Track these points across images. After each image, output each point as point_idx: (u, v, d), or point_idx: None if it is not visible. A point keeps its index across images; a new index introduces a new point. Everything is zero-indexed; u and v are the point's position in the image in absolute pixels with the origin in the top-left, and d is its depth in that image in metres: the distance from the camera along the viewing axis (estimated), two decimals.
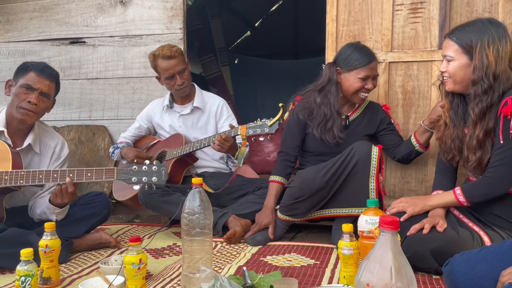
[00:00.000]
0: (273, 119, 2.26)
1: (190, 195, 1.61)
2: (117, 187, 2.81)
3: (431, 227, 1.75)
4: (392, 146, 2.44)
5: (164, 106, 2.82)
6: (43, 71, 2.13)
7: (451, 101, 1.93)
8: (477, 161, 1.78)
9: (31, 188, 2.17)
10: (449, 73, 1.83)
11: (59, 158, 2.25)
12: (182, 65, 2.66)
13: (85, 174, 2.00)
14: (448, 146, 1.92)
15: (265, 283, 1.60)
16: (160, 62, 2.63)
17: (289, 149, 2.46)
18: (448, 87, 1.87)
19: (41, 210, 2.11)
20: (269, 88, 5.85)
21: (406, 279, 0.94)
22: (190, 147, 2.53)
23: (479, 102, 1.74)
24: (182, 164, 2.66)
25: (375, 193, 2.17)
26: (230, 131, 2.41)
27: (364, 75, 2.28)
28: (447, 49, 1.83)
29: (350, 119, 2.43)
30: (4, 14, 3.48)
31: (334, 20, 2.71)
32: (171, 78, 2.66)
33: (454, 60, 1.81)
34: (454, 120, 1.91)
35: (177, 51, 2.65)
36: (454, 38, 1.81)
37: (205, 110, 2.80)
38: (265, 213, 2.38)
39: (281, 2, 6.71)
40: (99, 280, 1.71)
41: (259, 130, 2.29)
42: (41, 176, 1.99)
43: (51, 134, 2.29)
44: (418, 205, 1.88)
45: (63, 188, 1.99)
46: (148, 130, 2.92)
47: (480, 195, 1.78)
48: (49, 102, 2.17)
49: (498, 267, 1.30)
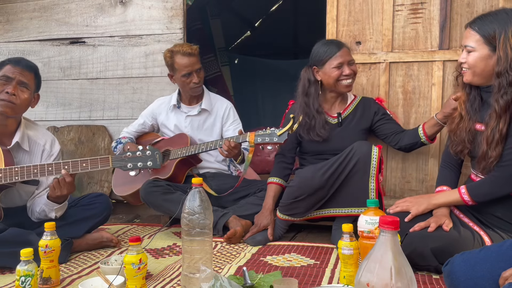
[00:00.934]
0: (282, 129, 2.25)
1: (190, 195, 1.61)
2: (116, 182, 2.79)
3: (436, 227, 1.74)
4: (391, 133, 2.42)
5: (171, 106, 2.82)
6: (19, 62, 2.11)
7: (468, 93, 1.87)
8: (497, 157, 1.71)
9: (27, 188, 2.16)
10: (468, 64, 1.77)
11: (52, 155, 2.23)
12: (199, 64, 2.72)
13: (80, 165, 1.99)
14: (462, 138, 1.87)
15: (265, 283, 1.60)
16: (180, 58, 2.66)
17: (285, 151, 2.50)
18: (466, 79, 1.81)
19: (40, 208, 2.10)
20: (269, 88, 5.85)
21: (406, 279, 0.94)
22: (196, 148, 2.53)
23: (504, 94, 1.68)
24: (186, 165, 2.66)
25: (375, 193, 2.17)
26: (238, 137, 2.40)
27: (337, 63, 2.33)
28: (468, 39, 1.76)
29: (343, 116, 2.45)
30: (4, 14, 3.48)
31: (334, 20, 2.71)
32: (188, 75, 2.68)
33: (475, 50, 1.74)
34: (470, 113, 1.85)
35: (196, 49, 2.71)
36: (476, 28, 1.74)
37: (212, 113, 2.80)
38: (264, 215, 2.38)
39: (281, 2, 6.71)
40: (99, 280, 1.71)
41: (268, 139, 2.28)
42: (35, 170, 1.98)
43: (39, 132, 2.26)
44: (422, 204, 1.87)
45: (60, 180, 1.98)
46: (152, 127, 2.91)
47: (485, 194, 1.77)
48: (29, 93, 2.11)
49: (498, 267, 1.30)
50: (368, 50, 2.66)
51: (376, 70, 2.65)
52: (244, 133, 2.39)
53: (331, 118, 2.45)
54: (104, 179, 3.27)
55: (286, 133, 2.24)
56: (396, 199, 2.57)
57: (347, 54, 2.37)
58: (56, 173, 1.99)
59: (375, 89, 2.65)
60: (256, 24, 7.12)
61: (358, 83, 2.67)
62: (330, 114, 2.46)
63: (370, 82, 2.66)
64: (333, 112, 2.47)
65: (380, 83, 2.63)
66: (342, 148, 2.24)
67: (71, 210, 2.22)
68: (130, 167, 1.97)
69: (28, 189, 2.17)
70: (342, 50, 2.35)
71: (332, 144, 2.38)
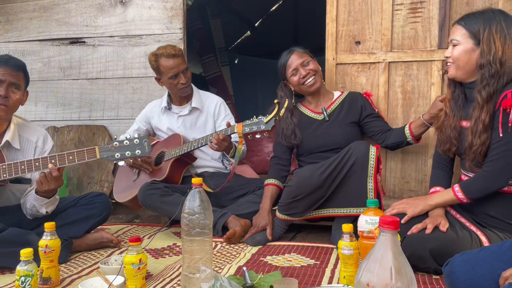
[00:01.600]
0: (269, 116, 2.27)
1: (190, 195, 1.61)
2: (117, 189, 2.81)
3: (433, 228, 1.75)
4: (378, 132, 2.47)
5: (162, 108, 2.82)
6: (8, 62, 2.07)
7: (452, 91, 1.93)
8: (481, 145, 1.75)
9: (20, 187, 2.15)
10: (453, 58, 1.84)
11: (44, 152, 2.22)
12: (185, 64, 2.69)
13: (67, 157, 1.96)
14: (447, 135, 1.92)
15: (265, 283, 1.60)
16: (164, 61, 2.63)
17: (280, 153, 2.55)
18: (451, 73, 1.87)
19: (31, 204, 2.09)
20: (269, 88, 5.80)
21: (406, 279, 0.94)
22: (188, 146, 2.53)
23: (486, 86, 1.74)
24: (181, 164, 2.66)
25: (373, 193, 2.17)
26: (226, 129, 2.41)
27: (291, 70, 2.45)
28: (454, 33, 1.84)
29: (328, 111, 2.49)
30: (4, 14, 3.48)
31: (334, 20, 2.71)
32: (175, 77, 2.66)
33: (459, 44, 1.81)
34: (454, 110, 1.92)
35: (180, 50, 2.68)
36: (463, 23, 1.82)
37: (203, 110, 2.80)
38: (262, 215, 2.39)
39: (281, 2, 6.71)
40: (99, 280, 1.71)
41: (255, 127, 2.29)
42: (23, 166, 1.96)
43: (31, 129, 2.24)
44: (418, 205, 1.87)
45: (47, 174, 1.97)
46: (147, 132, 2.91)
47: (478, 190, 1.78)
48: (20, 93, 2.11)
49: (498, 267, 1.30)
50: (367, 49, 2.66)
51: (376, 70, 2.65)
52: (232, 125, 2.40)
53: (316, 115, 2.50)
54: (104, 179, 3.27)
55: (273, 120, 2.26)
56: (395, 200, 2.57)
57: (297, 58, 2.45)
58: (43, 168, 1.96)
59: (375, 89, 2.65)
60: (256, 24, 7.12)
61: (358, 83, 2.68)
62: (315, 111, 2.52)
63: (369, 81, 2.67)
64: (318, 110, 2.50)
65: (380, 82, 2.63)
66: (333, 143, 2.34)
67: (71, 210, 2.22)
68: (118, 156, 1.93)
69: (21, 188, 2.17)
70: (291, 57, 2.46)
71: (322, 140, 2.43)
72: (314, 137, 2.46)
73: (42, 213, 2.09)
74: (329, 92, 2.57)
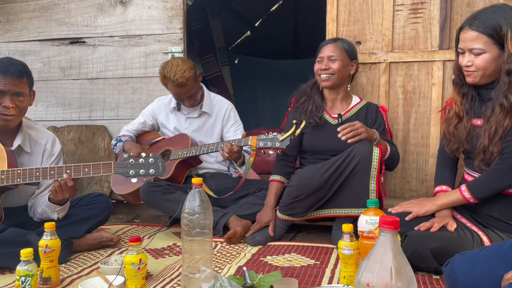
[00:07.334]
0: (285, 134, 2.24)
1: (190, 195, 1.61)
2: (115, 181, 2.77)
3: (440, 227, 1.75)
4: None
5: (171, 108, 2.81)
6: (8, 71, 1.99)
7: (466, 93, 1.87)
8: (498, 153, 1.70)
9: (28, 188, 2.15)
10: (477, 66, 1.73)
11: (52, 155, 2.22)
12: (192, 89, 2.64)
13: (83, 170, 1.97)
14: (460, 138, 1.87)
15: (265, 283, 1.60)
16: (171, 87, 2.61)
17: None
18: (473, 81, 1.78)
19: (42, 209, 2.10)
20: (269, 88, 5.85)
21: (406, 279, 0.94)
22: (197, 150, 2.52)
23: None
24: (186, 165, 2.66)
25: (375, 194, 2.16)
26: (240, 140, 2.40)
27: (319, 57, 2.41)
28: (474, 41, 1.71)
29: (344, 117, 2.43)
30: (4, 14, 3.48)
31: (334, 20, 2.71)
32: (180, 100, 2.70)
33: (485, 52, 1.70)
34: (469, 112, 1.86)
35: (189, 77, 2.56)
36: (480, 28, 1.70)
37: (212, 114, 2.80)
38: (266, 211, 2.39)
39: (281, 2, 6.71)
40: (99, 280, 1.71)
41: (270, 143, 2.27)
42: (38, 173, 1.96)
43: (40, 132, 2.25)
44: (425, 206, 1.87)
45: (62, 184, 1.97)
46: (152, 127, 2.91)
47: (486, 190, 1.76)
48: (26, 99, 2.08)
49: (498, 267, 1.30)
50: (368, 50, 2.66)
51: (376, 70, 2.65)
52: (246, 137, 2.39)
53: (331, 119, 2.45)
54: (104, 179, 3.27)
55: (288, 138, 2.23)
56: (396, 200, 2.58)
57: (331, 50, 2.39)
58: (58, 177, 1.97)
59: (375, 89, 2.65)
60: (256, 24, 7.12)
61: (358, 83, 2.68)
62: (330, 114, 2.46)
63: (370, 82, 2.66)
64: (333, 112, 2.46)
65: (380, 83, 2.63)
66: (341, 149, 2.22)
67: (71, 210, 2.22)
68: (132, 174, 1.95)
69: (29, 189, 2.17)
70: (327, 46, 2.41)
71: (332, 144, 2.36)
72: (324, 139, 2.40)
73: (53, 219, 2.09)
74: (349, 96, 2.49)
